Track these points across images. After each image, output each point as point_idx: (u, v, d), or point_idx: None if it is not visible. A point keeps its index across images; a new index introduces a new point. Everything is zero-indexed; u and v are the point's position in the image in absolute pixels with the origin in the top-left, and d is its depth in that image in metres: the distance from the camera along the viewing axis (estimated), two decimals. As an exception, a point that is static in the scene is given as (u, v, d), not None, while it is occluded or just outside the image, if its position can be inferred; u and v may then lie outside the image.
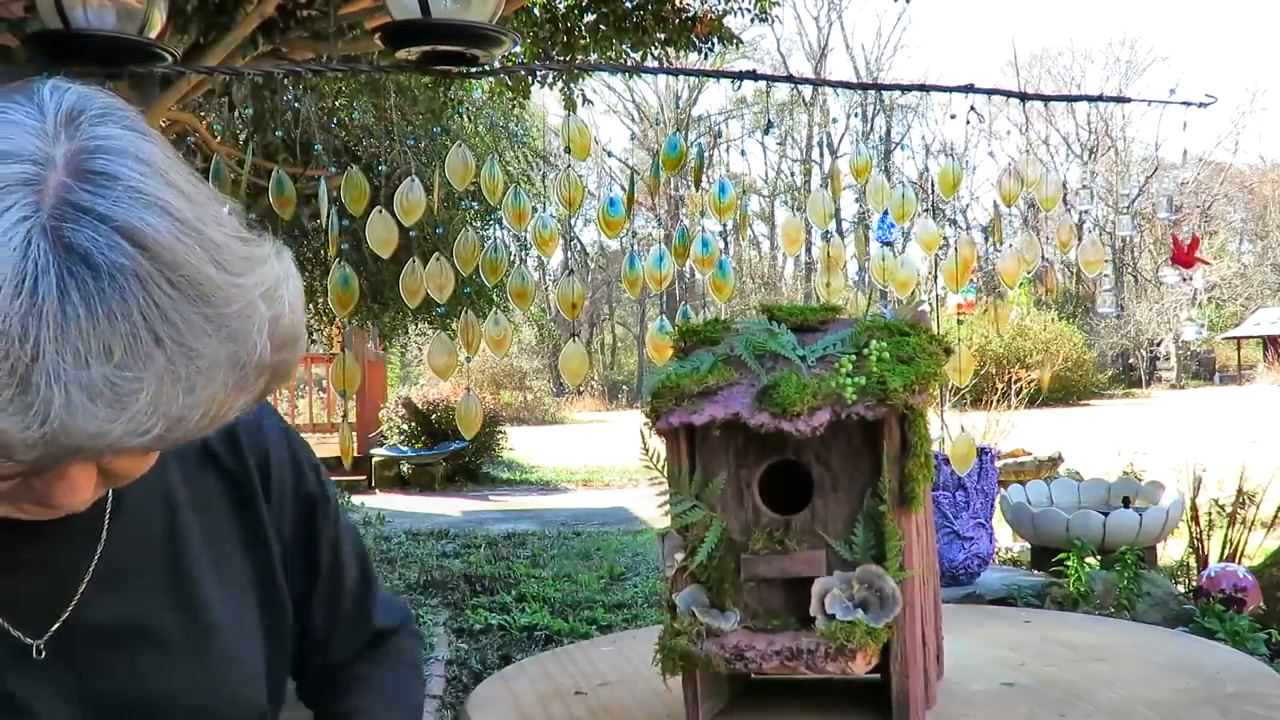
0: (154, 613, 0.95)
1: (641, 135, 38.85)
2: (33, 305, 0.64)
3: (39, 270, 0.65)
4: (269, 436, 1.09)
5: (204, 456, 1.03)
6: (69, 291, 0.65)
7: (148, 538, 0.96)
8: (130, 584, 0.94)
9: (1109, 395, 31.95)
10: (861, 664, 1.20)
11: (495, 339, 3.06)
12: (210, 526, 1.02)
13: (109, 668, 0.91)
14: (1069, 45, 79.57)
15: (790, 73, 9.73)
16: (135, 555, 0.95)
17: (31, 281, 0.65)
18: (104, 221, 0.67)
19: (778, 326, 1.36)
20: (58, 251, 0.66)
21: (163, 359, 0.67)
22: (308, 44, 4.25)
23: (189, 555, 0.99)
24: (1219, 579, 5.01)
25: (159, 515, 0.98)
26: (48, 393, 0.65)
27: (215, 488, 1.04)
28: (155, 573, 0.96)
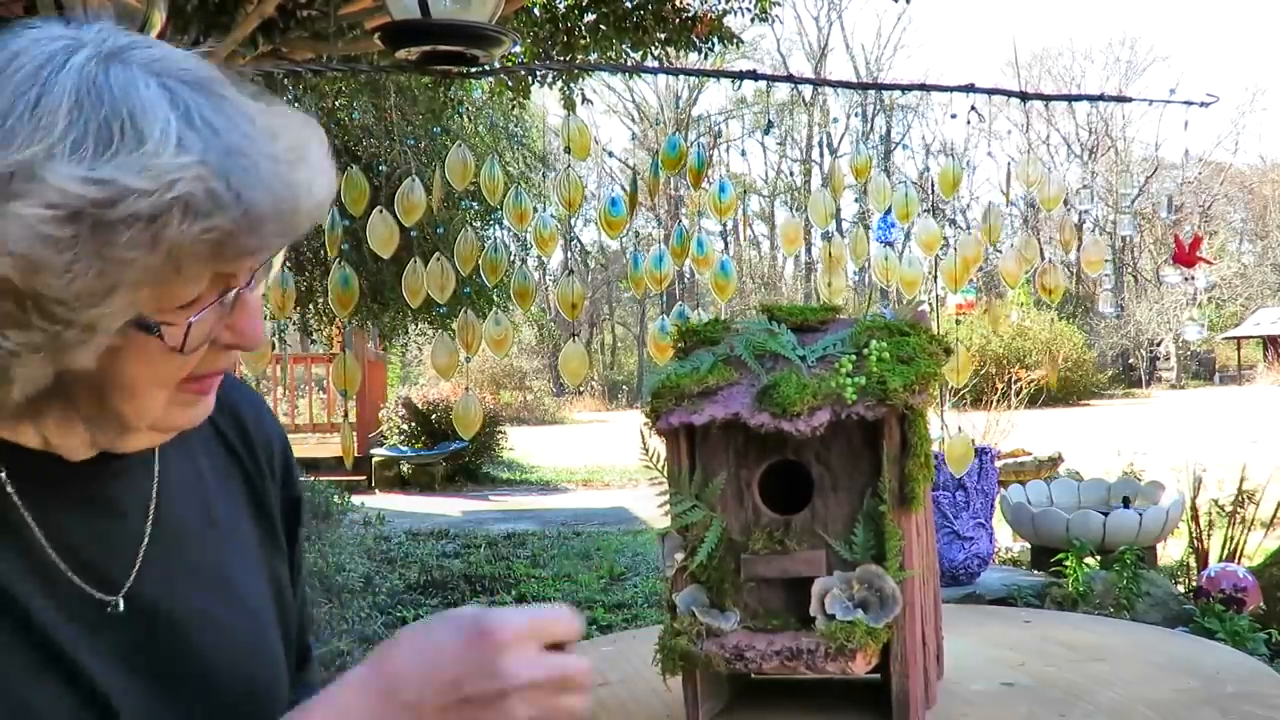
0: (198, 586, 0.98)
1: (641, 135, 38.83)
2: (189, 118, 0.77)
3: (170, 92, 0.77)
4: (273, 434, 1.12)
5: (224, 449, 1.07)
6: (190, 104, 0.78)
7: (188, 514, 1.00)
8: (178, 557, 0.97)
9: (1109, 395, 31.94)
10: (861, 664, 1.20)
11: (495, 339, 3.06)
12: (235, 519, 1.05)
13: (165, 633, 0.94)
14: (1069, 45, 79.61)
15: (790, 73, 9.72)
16: (180, 531, 0.98)
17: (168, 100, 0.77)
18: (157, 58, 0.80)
19: (778, 326, 1.36)
20: (153, 77, 0.78)
21: (304, 130, 0.84)
22: (308, 44, 4.25)
23: (219, 535, 1.02)
24: (1219, 579, 5.01)
25: (194, 492, 1.01)
26: (257, 170, 0.77)
27: (236, 486, 1.07)
28: (196, 546, 0.99)
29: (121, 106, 0.75)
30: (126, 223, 0.73)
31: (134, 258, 0.75)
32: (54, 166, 0.72)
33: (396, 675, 0.85)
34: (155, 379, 0.84)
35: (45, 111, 0.74)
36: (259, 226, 0.78)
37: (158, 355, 0.82)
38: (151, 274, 0.76)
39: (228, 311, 0.84)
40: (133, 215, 0.73)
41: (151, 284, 0.77)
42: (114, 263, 0.74)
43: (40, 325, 0.75)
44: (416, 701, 0.83)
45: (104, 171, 0.73)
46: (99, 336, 0.78)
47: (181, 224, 0.74)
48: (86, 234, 0.73)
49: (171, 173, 0.74)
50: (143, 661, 0.91)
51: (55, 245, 0.73)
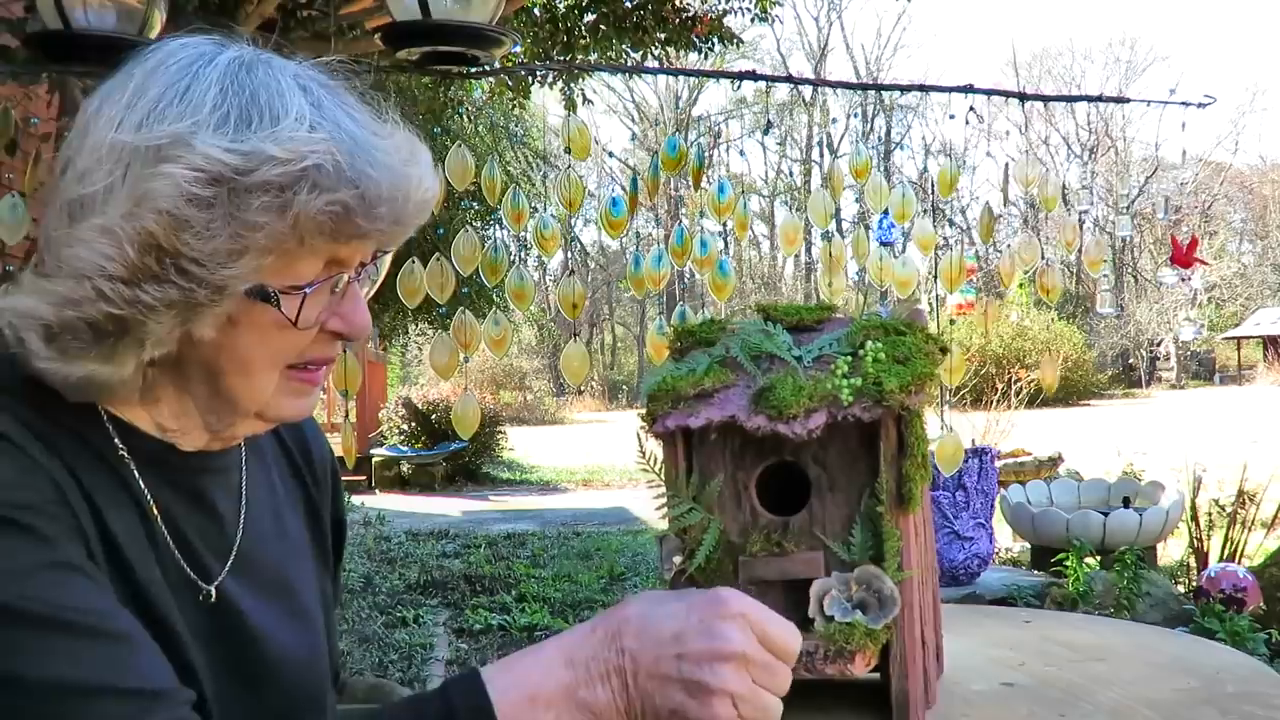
0: (271, 592, 1.03)
1: (641, 135, 38.82)
2: (319, 110, 0.87)
3: (303, 87, 0.87)
4: (328, 456, 1.19)
5: (295, 475, 1.13)
6: (322, 99, 0.88)
7: (264, 520, 1.05)
8: (258, 562, 1.02)
9: (1109, 395, 31.94)
10: (861, 665, 1.20)
11: (495, 339, 3.05)
12: (298, 528, 1.11)
13: (243, 629, 0.98)
14: (1069, 45, 79.55)
15: (790, 73, 9.72)
16: (260, 537, 1.03)
17: (301, 89, 0.87)
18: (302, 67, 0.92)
19: (773, 327, 1.36)
20: (285, 76, 0.88)
21: (413, 138, 0.92)
22: (308, 44, 4.25)
23: (287, 546, 1.08)
24: (1219, 579, 5.01)
25: (268, 502, 1.07)
26: (374, 159, 0.86)
27: (300, 505, 1.13)
28: (271, 557, 1.04)
29: (261, 93, 0.85)
30: (261, 189, 0.82)
31: (265, 222, 0.83)
32: (202, 136, 0.82)
33: (625, 619, 0.87)
34: (269, 355, 0.91)
35: (194, 95, 0.84)
36: (374, 207, 0.86)
37: (273, 329, 0.89)
38: (278, 241, 0.84)
39: (338, 299, 0.92)
40: (266, 182, 0.82)
41: (277, 252, 0.85)
42: (246, 226, 0.82)
43: (176, 281, 0.83)
44: (637, 649, 0.85)
45: (246, 143, 0.83)
46: (225, 300, 0.85)
47: (309, 195, 0.83)
48: (225, 197, 0.82)
49: (304, 146, 0.83)
50: (222, 651, 0.95)
51: (197, 204, 0.81)
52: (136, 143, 0.82)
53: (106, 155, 0.83)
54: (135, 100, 0.85)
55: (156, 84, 0.85)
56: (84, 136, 0.85)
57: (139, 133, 0.83)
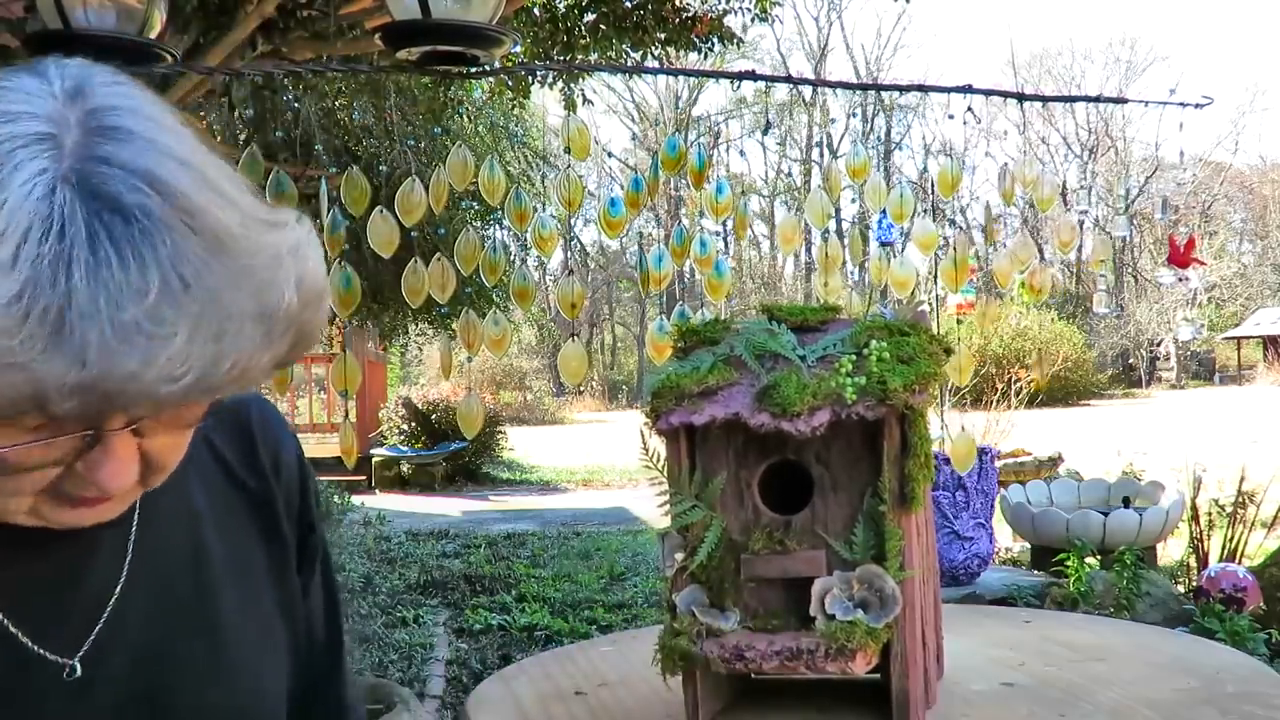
0: (179, 634, 0.92)
1: (641, 135, 38.83)
2: (61, 250, 0.63)
3: (65, 216, 0.64)
4: (288, 452, 1.05)
5: (230, 481, 1.00)
6: (98, 235, 0.65)
7: (173, 555, 0.93)
8: (156, 603, 0.91)
9: (1109, 395, 31.93)
10: (861, 664, 1.20)
11: (495, 339, 3.06)
12: (236, 552, 0.98)
13: (139, 690, 0.88)
14: (1069, 45, 79.55)
15: (790, 73, 9.73)
16: (161, 574, 0.91)
17: (59, 227, 0.64)
18: (125, 169, 0.67)
19: (778, 326, 1.36)
20: (84, 198, 0.66)
21: (193, 305, 0.66)
22: (308, 44, 4.25)
23: (212, 577, 0.95)
24: (1219, 579, 5.01)
25: (184, 532, 0.94)
26: (84, 335, 0.63)
27: (242, 514, 1.00)
28: (179, 593, 0.93)
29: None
30: None
31: None
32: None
33: None
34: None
35: None
36: (44, 400, 0.64)
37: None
38: None
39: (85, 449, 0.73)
40: None
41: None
42: None
43: None
44: None
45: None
46: None
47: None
48: None
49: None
50: (116, 716, 0.86)
51: None
52: None
53: None
54: None
55: None
56: None
57: None
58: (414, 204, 2.89)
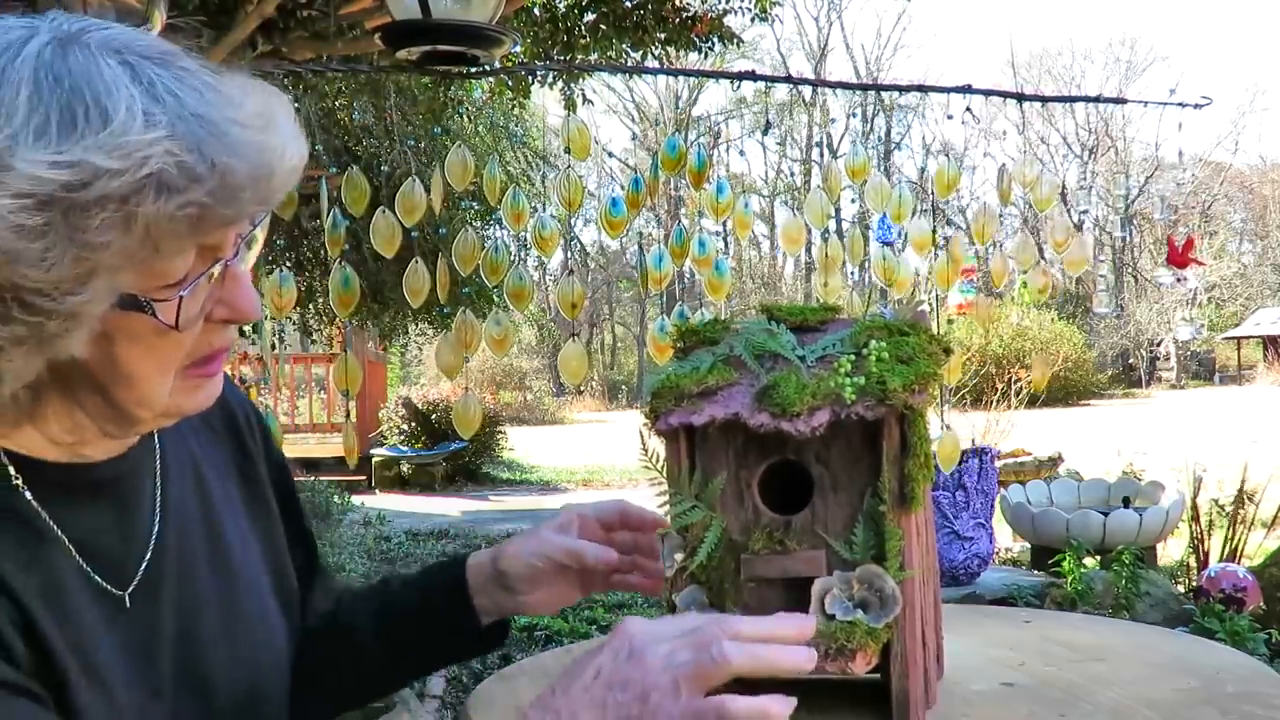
0: (200, 573, 1.00)
1: (641, 135, 38.83)
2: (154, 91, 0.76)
3: (140, 72, 0.76)
4: (243, 402, 1.15)
5: (208, 427, 1.09)
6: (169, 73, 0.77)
7: (187, 504, 1.01)
8: (182, 546, 0.99)
9: (1109, 395, 31.93)
10: (861, 664, 1.20)
11: (496, 339, 3.06)
12: (226, 492, 1.07)
13: (176, 621, 0.96)
14: (1069, 45, 79.55)
15: (790, 73, 9.72)
16: (182, 521, 1.00)
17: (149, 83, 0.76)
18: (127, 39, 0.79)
19: (777, 326, 1.36)
20: (125, 63, 0.76)
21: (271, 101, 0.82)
22: (308, 44, 4.25)
23: (218, 518, 1.04)
24: (1219, 579, 5.02)
25: (191, 483, 1.03)
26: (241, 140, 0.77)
27: (224, 453, 1.09)
28: (196, 539, 1.01)
29: (83, 87, 0.73)
30: (99, 205, 0.72)
31: (109, 240, 0.73)
32: (21, 153, 0.71)
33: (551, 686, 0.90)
34: (156, 364, 0.84)
35: (3, 100, 0.72)
36: (236, 195, 0.77)
37: (153, 337, 0.82)
38: (129, 256, 0.75)
39: (219, 285, 0.84)
40: (105, 197, 0.72)
41: (131, 266, 0.76)
42: (89, 247, 0.73)
43: (21, 318, 0.74)
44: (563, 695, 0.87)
45: (72, 154, 0.71)
46: (83, 324, 0.77)
47: (156, 201, 0.73)
48: (59, 220, 0.72)
49: (142, 149, 0.73)
50: (149, 649, 0.93)
51: (29, 234, 0.71)
52: None
53: None
54: None
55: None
56: None
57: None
58: (414, 204, 2.89)
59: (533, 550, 1.18)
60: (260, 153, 0.78)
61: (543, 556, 1.18)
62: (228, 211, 0.77)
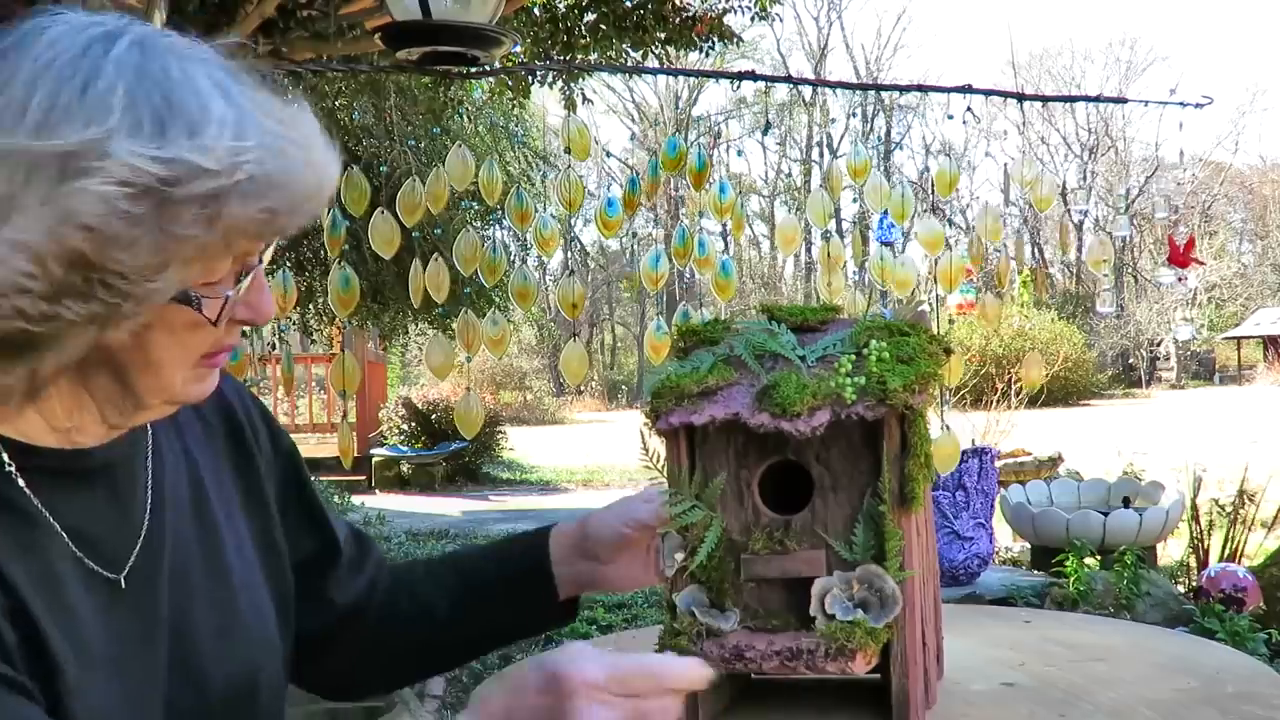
0: (196, 564, 1.01)
1: (641, 135, 38.82)
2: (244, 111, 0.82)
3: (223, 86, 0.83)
4: (247, 399, 1.16)
5: (202, 421, 1.10)
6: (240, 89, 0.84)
7: (179, 490, 1.03)
8: (174, 532, 1.00)
9: (1109, 395, 31.93)
10: (861, 664, 1.20)
11: (494, 339, 3.06)
12: (220, 486, 1.08)
13: (171, 607, 0.97)
14: (1069, 45, 79.52)
15: (790, 73, 9.73)
16: (174, 505, 1.01)
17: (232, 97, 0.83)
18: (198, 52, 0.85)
19: (777, 327, 1.37)
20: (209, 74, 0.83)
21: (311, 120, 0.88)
22: (308, 44, 4.25)
23: (211, 510, 1.05)
24: (1219, 579, 5.02)
25: (185, 471, 1.04)
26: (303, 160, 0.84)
27: (215, 450, 1.10)
28: (191, 526, 1.03)
29: (174, 92, 0.79)
30: (192, 201, 0.78)
31: (193, 235, 0.79)
32: (118, 143, 0.76)
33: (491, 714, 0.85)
34: (182, 354, 0.89)
35: (98, 95, 0.77)
36: (299, 207, 0.84)
37: (187, 330, 0.87)
38: (203, 252, 0.81)
39: (245, 289, 0.90)
40: (197, 195, 0.78)
41: (201, 262, 0.83)
42: (174, 239, 0.79)
43: (102, 297, 0.79)
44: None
45: (170, 151, 0.77)
46: (147, 310, 0.82)
47: (239, 205, 0.80)
48: (153, 210, 0.77)
49: (235, 155, 0.79)
50: (145, 634, 0.94)
51: (126, 220, 0.76)
52: (40, 148, 0.76)
53: (4, 151, 0.76)
54: (29, 94, 0.77)
55: (49, 78, 0.77)
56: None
57: (39, 136, 0.76)
58: (414, 204, 2.90)
59: (621, 517, 1.24)
60: (315, 170, 0.86)
61: (633, 522, 1.23)
62: (290, 221, 0.84)
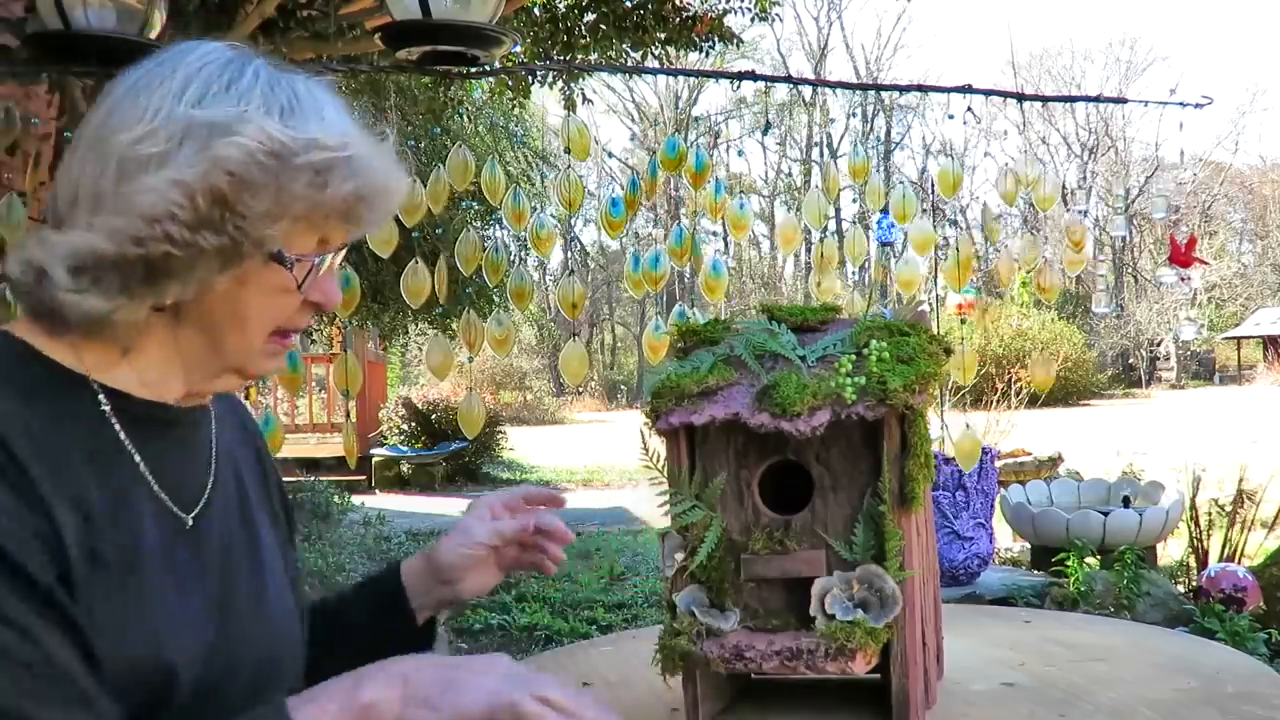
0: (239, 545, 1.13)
1: (641, 135, 38.81)
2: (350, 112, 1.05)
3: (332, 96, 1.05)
4: (258, 429, 1.29)
5: (242, 428, 1.23)
6: (343, 103, 1.06)
7: (228, 481, 1.15)
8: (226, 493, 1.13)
9: (1109, 395, 31.93)
10: (861, 664, 1.20)
11: (497, 339, 3.06)
12: (254, 489, 1.20)
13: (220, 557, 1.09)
14: (1069, 45, 79.48)
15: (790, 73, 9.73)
16: (224, 491, 1.13)
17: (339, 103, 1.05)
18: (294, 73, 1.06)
19: (778, 327, 1.37)
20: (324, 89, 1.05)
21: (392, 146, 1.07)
22: (308, 44, 4.25)
23: (249, 504, 1.17)
24: (1219, 579, 5.01)
25: (229, 464, 1.16)
26: (387, 164, 1.04)
27: (251, 456, 1.23)
28: (235, 514, 1.14)
29: (298, 95, 1.01)
30: (307, 168, 0.98)
31: (304, 195, 0.98)
32: (256, 119, 0.97)
33: (405, 675, 0.94)
34: (264, 314, 1.03)
35: (241, 88, 0.99)
36: (377, 198, 1.03)
37: (274, 292, 1.03)
38: (308, 213, 1.00)
39: (319, 273, 1.05)
40: (311, 163, 0.98)
41: (304, 222, 1.01)
42: (290, 195, 0.98)
43: (229, 231, 0.96)
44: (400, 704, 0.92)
45: (296, 128, 0.98)
46: (258, 255, 0.99)
47: (340, 180, 0.99)
48: (278, 168, 0.97)
49: (345, 139, 1.00)
50: (201, 573, 1.06)
51: (259, 170, 0.96)
52: (196, 116, 0.97)
53: (165, 124, 0.96)
54: (187, 84, 0.99)
55: (201, 75, 0.99)
56: (128, 110, 0.98)
57: (198, 108, 0.97)
58: (414, 204, 2.89)
59: (462, 542, 1.31)
60: (394, 177, 1.06)
61: (473, 544, 1.30)
62: (369, 212, 1.04)
